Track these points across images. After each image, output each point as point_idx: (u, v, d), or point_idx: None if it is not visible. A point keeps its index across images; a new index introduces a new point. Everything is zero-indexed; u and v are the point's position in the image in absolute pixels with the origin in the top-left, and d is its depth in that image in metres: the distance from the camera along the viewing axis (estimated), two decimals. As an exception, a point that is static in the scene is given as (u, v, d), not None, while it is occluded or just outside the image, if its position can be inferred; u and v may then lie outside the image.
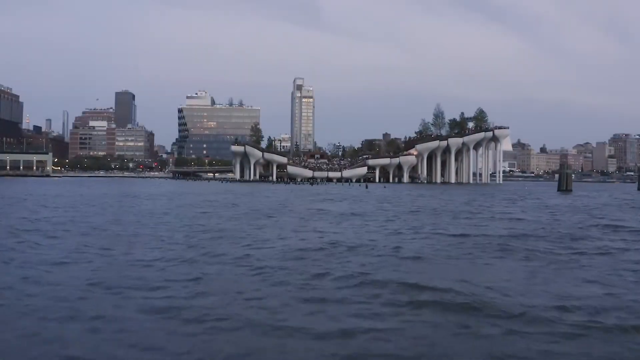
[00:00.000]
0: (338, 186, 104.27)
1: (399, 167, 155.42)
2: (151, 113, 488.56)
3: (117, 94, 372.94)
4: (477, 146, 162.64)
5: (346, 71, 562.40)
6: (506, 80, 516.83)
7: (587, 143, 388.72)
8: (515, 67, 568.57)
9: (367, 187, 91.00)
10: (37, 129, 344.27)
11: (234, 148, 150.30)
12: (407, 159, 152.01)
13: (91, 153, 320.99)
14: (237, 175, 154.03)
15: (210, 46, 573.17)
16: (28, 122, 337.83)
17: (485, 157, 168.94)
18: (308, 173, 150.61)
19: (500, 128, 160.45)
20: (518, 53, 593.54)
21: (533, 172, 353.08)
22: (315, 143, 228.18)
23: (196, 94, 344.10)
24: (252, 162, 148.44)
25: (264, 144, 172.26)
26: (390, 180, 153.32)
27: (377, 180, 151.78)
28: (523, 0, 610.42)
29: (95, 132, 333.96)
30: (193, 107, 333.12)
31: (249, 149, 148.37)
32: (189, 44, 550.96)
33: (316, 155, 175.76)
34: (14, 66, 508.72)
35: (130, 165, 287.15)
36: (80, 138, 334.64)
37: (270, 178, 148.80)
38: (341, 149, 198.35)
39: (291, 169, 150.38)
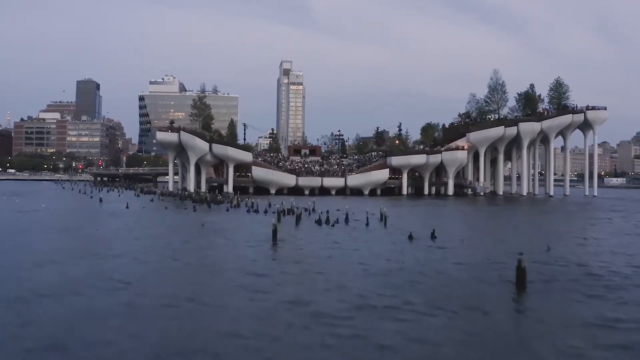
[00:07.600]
0: (353, 232, 33.12)
1: (438, 169, 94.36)
2: (122, 107, 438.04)
3: (78, 82, 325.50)
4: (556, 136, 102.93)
5: (336, 71, 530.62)
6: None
7: (605, 142, 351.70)
8: (506, 67, 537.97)
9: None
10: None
11: (161, 136, 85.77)
12: (456, 156, 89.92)
13: (39, 150, 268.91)
14: (171, 184, 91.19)
15: (201, 44, 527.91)
16: (9, 119, 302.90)
17: (566, 151, 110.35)
18: (289, 179, 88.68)
19: (593, 109, 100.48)
20: (508, 53, 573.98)
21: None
22: (306, 140, 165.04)
23: (162, 79, 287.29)
24: (193, 160, 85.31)
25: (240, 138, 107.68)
26: (426, 190, 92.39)
27: (405, 190, 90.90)
28: (513, 2, 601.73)
29: (46, 126, 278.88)
30: (157, 95, 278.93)
31: (186, 137, 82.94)
32: (174, 41, 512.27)
33: (304, 151, 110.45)
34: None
35: (74, 164, 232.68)
36: (26, 132, 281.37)
37: (224, 188, 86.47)
38: (340, 142, 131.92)
39: (258, 172, 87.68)
